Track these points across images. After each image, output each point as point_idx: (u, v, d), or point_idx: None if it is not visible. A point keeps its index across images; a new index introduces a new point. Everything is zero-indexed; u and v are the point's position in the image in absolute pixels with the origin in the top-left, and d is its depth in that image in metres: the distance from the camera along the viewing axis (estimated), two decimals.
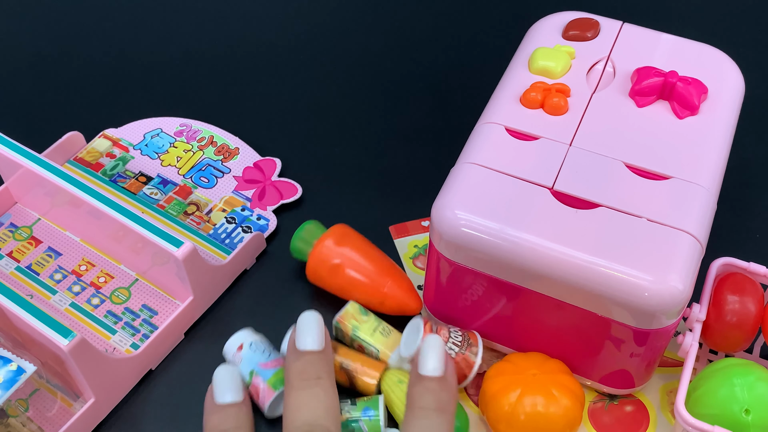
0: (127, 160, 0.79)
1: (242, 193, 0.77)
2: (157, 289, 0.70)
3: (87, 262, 0.72)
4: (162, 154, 0.80)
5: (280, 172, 0.78)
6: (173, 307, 0.69)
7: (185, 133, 0.82)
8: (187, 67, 0.90)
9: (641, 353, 0.58)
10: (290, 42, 0.93)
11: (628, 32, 0.68)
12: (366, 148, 0.81)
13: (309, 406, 0.48)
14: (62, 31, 0.95)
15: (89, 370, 0.59)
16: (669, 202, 0.56)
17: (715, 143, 0.60)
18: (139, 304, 0.69)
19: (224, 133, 0.82)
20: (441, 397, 0.48)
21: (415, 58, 0.89)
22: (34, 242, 0.74)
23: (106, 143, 0.81)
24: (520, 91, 0.63)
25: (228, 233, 0.73)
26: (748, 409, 0.54)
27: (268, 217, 0.75)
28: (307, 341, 0.50)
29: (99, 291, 0.70)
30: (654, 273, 0.53)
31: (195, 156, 0.80)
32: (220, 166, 0.79)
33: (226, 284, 0.71)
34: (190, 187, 0.77)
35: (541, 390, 0.58)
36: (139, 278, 0.71)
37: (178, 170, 0.79)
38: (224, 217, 0.74)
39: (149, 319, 0.68)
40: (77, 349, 0.57)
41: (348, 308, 0.65)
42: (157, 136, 0.82)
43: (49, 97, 0.87)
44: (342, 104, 0.86)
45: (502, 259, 0.56)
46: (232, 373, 0.50)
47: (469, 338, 0.62)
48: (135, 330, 0.68)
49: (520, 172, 0.58)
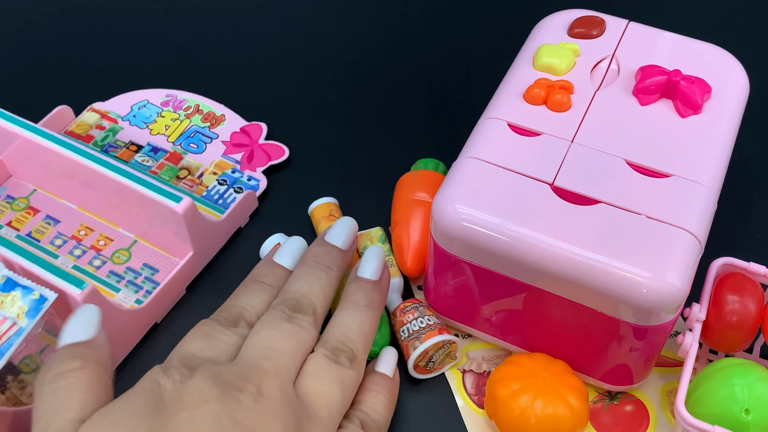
0: (117, 131, 0.82)
1: (231, 156, 0.80)
2: (156, 249, 0.72)
3: (86, 227, 0.74)
4: (150, 123, 0.83)
5: (267, 136, 0.81)
6: (174, 264, 0.71)
7: (171, 102, 0.85)
8: (170, 39, 0.93)
9: (640, 348, 0.58)
10: (273, 11, 0.95)
11: (633, 31, 0.68)
12: (361, 143, 0.81)
13: (309, 281, 0.55)
14: (42, 8, 0.96)
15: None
16: (669, 200, 0.56)
17: (717, 142, 0.60)
18: (140, 263, 0.71)
19: (210, 102, 0.85)
20: (372, 296, 0.56)
21: (417, 53, 0.90)
22: (32, 211, 0.75)
23: (94, 116, 0.83)
24: (523, 87, 0.63)
25: (221, 194, 0.76)
26: (748, 409, 0.54)
27: (257, 177, 0.78)
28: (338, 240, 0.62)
29: (100, 253, 0.72)
30: (652, 269, 0.53)
31: (183, 124, 0.83)
32: (207, 132, 0.82)
33: (222, 241, 0.73)
34: (180, 153, 0.80)
35: (553, 392, 0.58)
36: (138, 239, 0.73)
37: (167, 138, 0.81)
38: (216, 179, 0.77)
39: (151, 276, 0.70)
40: (89, 298, 0.59)
41: (372, 231, 0.70)
42: (144, 107, 0.84)
43: (33, 75, 0.89)
44: (331, 82, 0.88)
45: (502, 253, 0.56)
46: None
47: (424, 334, 0.62)
48: (138, 287, 0.70)
49: (521, 168, 0.58)
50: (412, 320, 0.63)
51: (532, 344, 0.63)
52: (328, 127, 0.83)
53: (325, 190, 0.76)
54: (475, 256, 0.58)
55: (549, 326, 0.60)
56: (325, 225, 0.71)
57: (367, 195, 0.76)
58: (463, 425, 0.62)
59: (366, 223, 0.72)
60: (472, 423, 0.63)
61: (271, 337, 0.50)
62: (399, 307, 0.65)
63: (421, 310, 0.64)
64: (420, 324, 0.63)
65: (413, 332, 0.63)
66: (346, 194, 0.75)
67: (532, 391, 0.58)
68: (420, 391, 0.64)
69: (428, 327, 0.63)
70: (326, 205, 0.72)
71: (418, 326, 0.63)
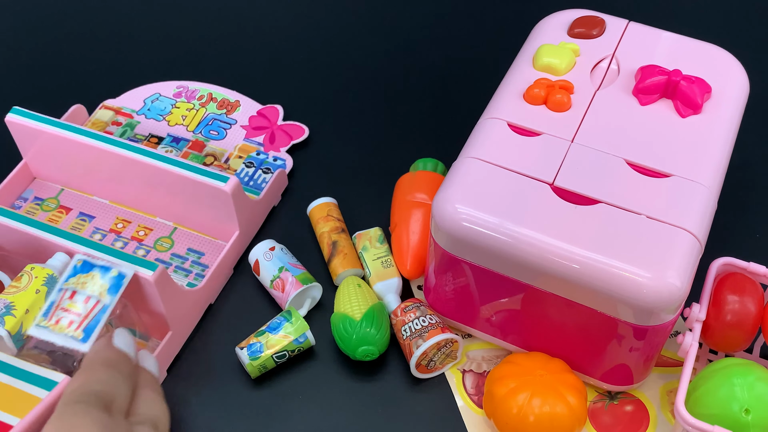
0: (134, 125, 0.82)
1: (253, 139, 0.81)
2: (198, 233, 0.73)
3: (122, 220, 0.75)
4: (166, 115, 0.83)
5: (284, 117, 0.83)
6: (219, 246, 0.73)
7: (184, 93, 0.85)
8: (174, 31, 0.93)
9: (639, 348, 0.58)
10: (273, 5, 0.96)
11: (633, 31, 0.68)
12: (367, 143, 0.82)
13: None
14: (39, 9, 0.96)
15: (168, 300, 0.62)
16: (669, 200, 0.56)
17: (717, 142, 0.60)
18: (184, 248, 0.73)
19: (222, 89, 0.85)
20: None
21: (417, 53, 0.90)
22: (64, 210, 0.76)
23: (108, 113, 0.83)
24: (523, 87, 0.63)
25: (250, 176, 0.77)
26: (748, 409, 0.54)
27: (283, 157, 0.79)
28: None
29: (142, 243, 0.73)
30: (652, 269, 0.53)
31: (199, 113, 0.83)
32: (225, 118, 0.82)
33: (261, 220, 0.75)
34: (202, 140, 0.80)
35: (550, 390, 0.58)
36: (177, 226, 0.74)
37: (186, 128, 0.82)
38: (242, 163, 0.78)
39: (198, 260, 0.72)
40: (161, 279, 0.60)
41: (371, 231, 0.71)
42: (157, 100, 0.84)
43: (38, 76, 0.89)
44: (342, 59, 0.89)
45: (502, 253, 0.56)
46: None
47: (427, 332, 0.62)
48: (187, 271, 0.71)
49: (521, 168, 0.58)
50: (414, 319, 0.63)
51: (532, 344, 0.63)
52: (328, 127, 0.83)
53: (325, 189, 0.76)
54: (475, 256, 0.58)
55: (549, 326, 0.60)
56: (323, 225, 0.71)
57: (367, 194, 0.76)
58: (463, 425, 0.62)
59: (366, 223, 0.72)
60: (471, 422, 0.63)
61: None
62: (400, 306, 0.65)
63: (422, 309, 0.64)
64: (422, 323, 0.63)
65: (415, 331, 0.63)
66: (346, 194, 0.76)
67: (529, 389, 0.58)
68: (420, 391, 0.64)
69: (430, 326, 0.63)
70: (324, 206, 0.72)
71: (420, 325, 0.63)
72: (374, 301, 0.65)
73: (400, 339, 0.64)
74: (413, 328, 0.63)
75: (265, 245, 0.69)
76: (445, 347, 0.63)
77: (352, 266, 0.69)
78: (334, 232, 0.71)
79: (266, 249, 0.69)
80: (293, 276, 0.67)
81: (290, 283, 0.67)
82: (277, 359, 0.64)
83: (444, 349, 0.63)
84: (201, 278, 0.69)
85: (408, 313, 0.64)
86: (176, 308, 0.64)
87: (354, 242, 0.71)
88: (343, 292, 0.65)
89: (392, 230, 0.70)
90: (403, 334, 0.63)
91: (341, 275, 0.69)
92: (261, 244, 0.70)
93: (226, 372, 0.66)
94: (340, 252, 0.69)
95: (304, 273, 0.68)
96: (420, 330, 0.62)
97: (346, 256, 0.69)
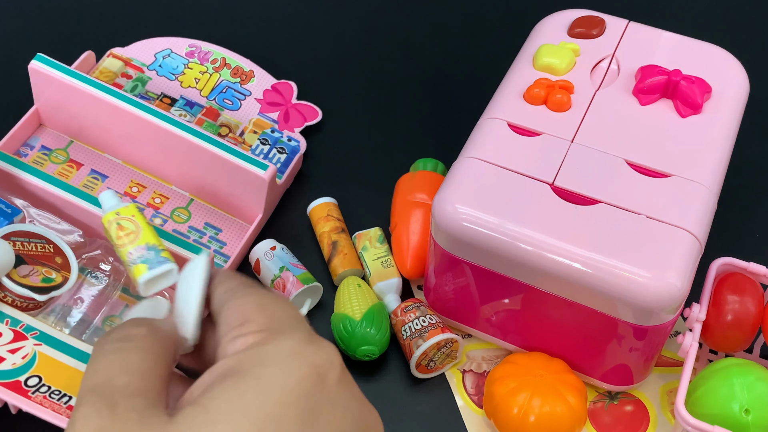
0: (146, 81, 0.79)
1: (268, 115, 0.79)
2: (215, 208, 0.72)
3: (137, 183, 0.72)
4: (179, 75, 0.80)
5: (298, 96, 0.81)
6: (234, 224, 0.72)
7: (197, 54, 0.82)
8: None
9: (640, 348, 0.58)
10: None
11: (633, 30, 0.68)
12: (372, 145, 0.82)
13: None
14: None
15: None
16: (669, 200, 0.56)
17: (717, 142, 0.60)
18: (201, 222, 0.71)
19: (236, 56, 0.82)
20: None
21: (417, 53, 0.89)
22: (74, 165, 0.73)
23: (117, 63, 0.79)
24: (523, 87, 0.63)
25: (265, 154, 0.75)
26: (748, 409, 0.54)
27: (297, 138, 0.77)
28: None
29: (158, 212, 0.71)
30: (652, 270, 0.53)
31: (212, 78, 0.80)
32: (239, 88, 0.80)
33: (276, 202, 0.74)
34: (217, 109, 0.78)
35: (550, 390, 0.58)
36: (194, 198, 0.72)
37: (199, 92, 0.79)
38: (257, 139, 0.76)
39: (215, 236, 0.70)
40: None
41: (370, 231, 0.70)
42: (168, 56, 0.81)
43: (39, 18, 0.87)
44: (353, 39, 0.89)
45: (502, 253, 0.56)
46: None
47: (427, 332, 0.62)
48: (205, 246, 0.69)
49: (521, 168, 0.58)
50: (414, 319, 0.63)
51: (532, 344, 0.63)
52: (328, 128, 0.83)
53: (324, 189, 0.76)
54: (475, 256, 0.58)
55: (549, 326, 0.60)
56: (323, 225, 0.71)
57: (367, 194, 0.76)
58: (463, 425, 0.62)
59: (366, 223, 0.72)
60: (472, 423, 0.63)
61: None
62: (400, 306, 0.65)
63: (422, 309, 0.64)
64: (422, 323, 0.63)
65: (415, 331, 0.63)
66: (346, 194, 0.75)
67: (529, 390, 0.58)
68: (420, 391, 0.64)
69: (430, 326, 0.63)
70: (324, 206, 0.72)
71: (420, 325, 0.63)
72: (374, 301, 0.65)
73: (400, 339, 0.64)
74: (413, 328, 0.63)
75: (266, 245, 0.69)
76: (445, 347, 0.63)
77: (352, 266, 0.69)
78: (334, 232, 0.71)
79: (267, 248, 0.69)
80: (294, 276, 0.67)
81: (291, 282, 0.67)
82: None
83: (444, 349, 0.63)
84: (218, 255, 0.68)
85: (408, 313, 0.64)
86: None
87: (354, 242, 0.71)
88: (343, 292, 0.65)
89: (392, 230, 0.70)
90: (403, 334, 0.63)
91: (341, 275, 0.69)
92: (261, 243, 0.70)
93: None
94: (340, 252, 0.69)
95: (305, 273, 0.68)
96: (420, 330, 0.62)
97: (346, 256, 0.69)
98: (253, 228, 0.70)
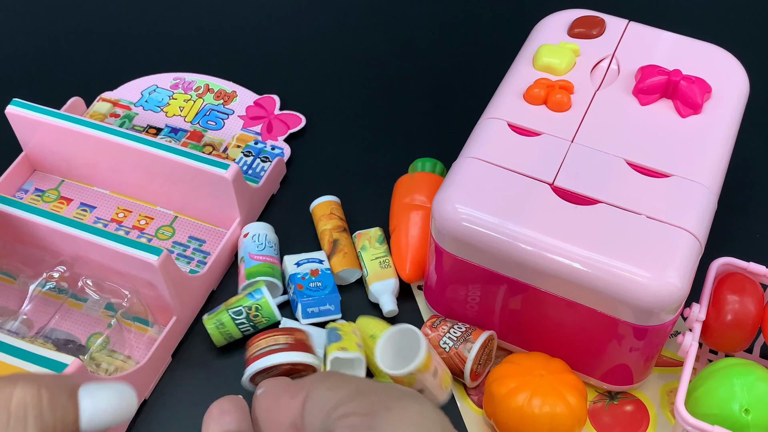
0: (132, 117, 0.83)
1: (251, 129, 0.81)
2: (198, 222, 0.74)
3: (123, 209, 0.75)
4: (164, 106, 0.84)
5: (281, 107, 0.83)
6: (220, 234, 0.73)
7: (181, 85, 0.86)
8: (168, 24, 0.94)
9: (640, 348, 0.58)
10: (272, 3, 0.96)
11: (633, 31, 0.68)
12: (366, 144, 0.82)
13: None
14: (33, 4, 0.96)
15: (173, 285, 0.63)
16: (669, 200, 0.56)
17: (717, 142, 0.60)
18: (185, 236, 0.73)
19: (218, 80, 0.86)
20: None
21: (417, 53, 0.90)
22: (65, 201, 0.76)
23: (106, 105, 0.84)
24: (523, 87, 0.63)
25: (249, 165, 0.78)
26: (748, 409, 0.54)
27: (280, 146, 0.80)
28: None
29: (143, 232, 0.73)
30: (652, 269, 0.53)
31: (196, 104, 0.84)
32: (222, 108, 0.83)
33: (260, 208, 0.75)
34: (200, 131, 0.81)
35: (550, 390, 0.58)
36: (177, 215, 0.75)
37: (183, 118, 0.82)
38: (241, 152, 0.79)
39: (199, 247, 0.72)
40: (165, 263, 0.61)
41: (370, 231, 0.71)
42: (154, 92, 0.85)
43: (37, 69, 0.89)
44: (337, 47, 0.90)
45: (502, 253, 0.56)
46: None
47: (470, 335, 0.62)
48: (189, 258, 0.72)
49: (521, 168, 0.58)
50: (449, 330, 0.63)
51: (533, 344, 0.63)
52: (328, 127, 0.83)
53: (324, 189, 0.76)
54: (475, 256, 0.58)
55: (549, 326, 0.60)
56: (325, 223, 0.71)
57: (367, 194, 0.76)
58: (463, 425, 0.62)
59: (366, 223, 0.72)
60: (472, 423, 0.63)
61: None
62: (427, 324, 0.64)
63: (448, 320, 0.64)
64: (459, 329, 0.62)
65: (457, 339, 0.62)
66: (346, 193, 0.75)
67: (529, 389, 0.58)
68: None
69: (468, 330, 0.62)
70: (327, 204, 0.72)
71: (459, 332, 0.62)
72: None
73: (441, 354, 0.62)
74: (453, 337, 0.62)
75: (242, 232, 0.71)
76: (487, 347, 0.63)
77: (351, 265, 0.69)
78: (335, 231, 0.71)
79: (240, 236, 0.70)
80: (244, 268, 0.68)
81: (240, 275, 0.68)
82: (235, 316, 0.64)
83: (486, 348, 0.63)
84: (203, 265, 0.69)
85: (439, 327, 0.63)
86: (180, 294, 0.64)
87: (354, 241, 0.71)
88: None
89: (392, 233, 0.70)
90: (445, 347, 0.62)
91: (339, 274, 0.69)
92: (242, 229, 0.71)
93: (229, 357, 0.66)
94: (340, 251, 0.69)
95: (259, 264, 0.67)
96: (462, 335, 0.62)
97: (345, 255, 0.69)
98: (231, 232, 0.71)
